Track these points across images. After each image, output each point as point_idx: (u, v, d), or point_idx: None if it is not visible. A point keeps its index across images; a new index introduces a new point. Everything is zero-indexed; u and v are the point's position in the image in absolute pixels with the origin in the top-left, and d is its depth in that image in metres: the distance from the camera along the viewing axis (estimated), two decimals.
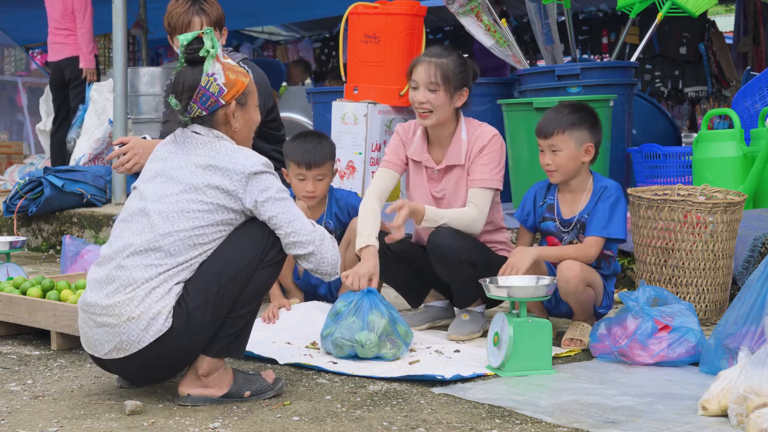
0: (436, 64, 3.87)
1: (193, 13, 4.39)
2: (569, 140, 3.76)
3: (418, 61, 3.94)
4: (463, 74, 3.91)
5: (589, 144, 3.79)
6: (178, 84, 3.03)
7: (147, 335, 2.87)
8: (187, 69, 3.01)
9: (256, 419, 2.87)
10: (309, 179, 4.30)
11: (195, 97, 3.00)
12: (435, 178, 4.00)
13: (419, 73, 3.89)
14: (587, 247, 3.74)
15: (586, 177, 3.86)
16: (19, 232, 6.88)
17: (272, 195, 2.98)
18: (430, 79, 3.86)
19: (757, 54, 11.06)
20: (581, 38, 13.39)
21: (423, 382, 3.26)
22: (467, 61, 3.96)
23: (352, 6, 5.96)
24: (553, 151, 3.78)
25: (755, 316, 3.06)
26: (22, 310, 3.88)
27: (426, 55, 3.94)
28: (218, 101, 3.01)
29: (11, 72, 14.63)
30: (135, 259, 2.91)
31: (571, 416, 2.86)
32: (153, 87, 8.14)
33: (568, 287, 3.64)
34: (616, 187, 3.82)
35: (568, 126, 3.76)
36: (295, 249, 3.02)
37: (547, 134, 3.78)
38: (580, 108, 3.84)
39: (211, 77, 2.99)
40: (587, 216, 3.79)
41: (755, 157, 5.08)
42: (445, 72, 3.86)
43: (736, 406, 2.69)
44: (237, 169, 2.95)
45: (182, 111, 3.03)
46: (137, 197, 3.05)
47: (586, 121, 3.80)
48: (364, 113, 5.77)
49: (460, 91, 3.90)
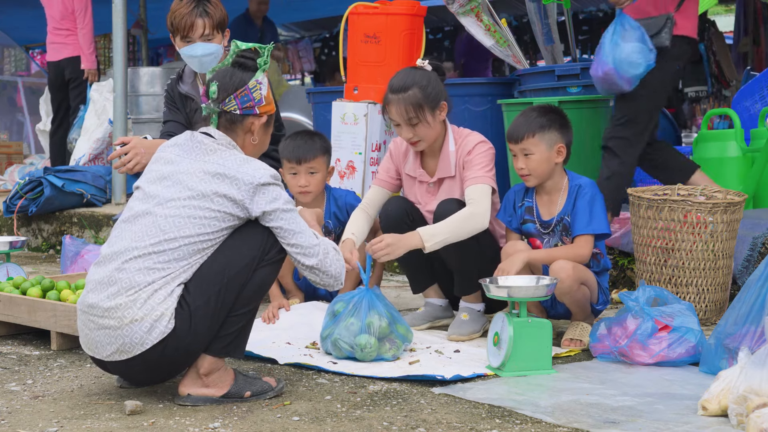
0: (404, 98, 3.85)
1: (197, 14, 4.41)
2: (540, 143, 3.78)
3: (387, 101, 3.91)
4: (434, 91, 3.88)
5: (560, 144, 3.80)
6: (225, 76, 3.08)
7: (150, 337, 2.87)
8: (237, 69, 3.09)
9: (256, 419, 2.87)
10: (301, 174, 4.33)
11: (238, 94, 3.06)
12: (431, 191, 4.03)
13: (393, 114, 3.90)
14: (578, 247, 3.74)
15: (561, 177, 3.87)
16: (19, 232, 6.88)
17: (280, 206, 3.01)
18: (405, 117, 3.87)
19: (757, 54, 11.06)
20: (581, 38, 13.39)
21: (423, 382, 3.26)
22: (430, 74, 3.92)
23: (352, 6, 5.96)
24: (526, 155, 3.80)
25: (755, 316, 3.06)
26: (22, 310, 3.88)
27: (391, 92, 3.90)
28: (254, 108, 3.09)
29: (11, 72, 14.63)
30: (138, 262, 2.91)
31: (571, 416, 2.86)
32: (153, 87, 8.14)
33: (562, 287, 3.64)
34: (590, 184, 3.84)
35: (537, 129, 3.78)
36: (300, 260, 3.07)
37: (518, 139, 3.81)
38: (548, 110, 3.86)
39: (259, 84, 3.09)
40: (568, 218, 3.80)
41: (755, 157, 5.08)
42: (417, 103, 3.84)
43: (736, 406, 2.69)
44: (246, 179, 2.96)
45: (218, 101, 3.06)
46: (141, 198, 3.04)
47: (555, 123, 3.81)
48: (364, 113, 5.77)
49: (438, 106, 3.90)
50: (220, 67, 3.12)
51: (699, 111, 12.42)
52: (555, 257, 3.70)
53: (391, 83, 3.95)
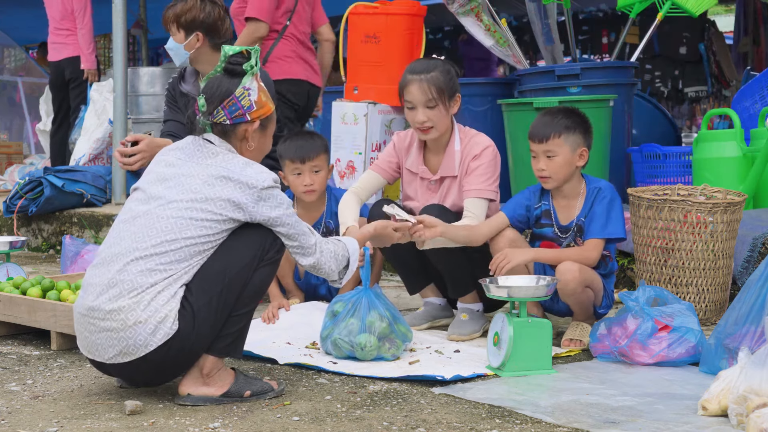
0: (428, 79, 3.85)
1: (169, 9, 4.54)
2: (565, 144, 3.74)
3: (407, 81, 3.89)
4: (452, 81, 3.90)
5: (584, 148, 3.78)
6: (212, 88, 3.06)
7: (154, 339, 2.87)
8: (225, 77, 3.06)
9: (256, 419, 2.87)
10: (305, 173, 4.33)
11: (225, 104, 3.04)
12: (432, 189, 4.01)
13: (413, 93, 3.87)
14: (587, 251, 3.72)
15: (579, 181, 3.85)
16: (19, 232, 6.88)
17: (284, 211, 3.03)
18: (426, 97, 3.85)
19: (757, 54, 11.07)
20: (581, 38, 13.39)
21: (423, 382, 3.26)
22: (450, 66, 3.95)
23: (352, 6, 5.96)
24: (549, 156, 3.75)
25: (755, 316, 3.06)
26: (22, 310, 3.88)
27: (413, 73, 3.89)
28: (245, 115, 3.06)
29: (11, 72, 14.62)
30: (140, 264, 2.90)
31: (571, 416, 2.86)
32: (153, 87, 8.13)
33: (567, 289, 3.63)
34: (609, 187, 3.82)
35: (563, 130, 3.74)
36: (300, 259, 3.13)
37: (543, 138, 3.75)
38: (572, 112, 3.83)
39: (246, 91, 3.05)
40: (584, 219, 3.79)
41: (755, 157, 5.08)
42: (438, 85, 3.85)
43: (736, 406, 2.69)
44: (250, 182, 2.97)
45: (207, 114, 3.05)
46: (141, 199, 3.04)
47: (580, 126, 3.78)
48: (364, 113, 5.77)
49: (454, 98, 3.91)
50: (211, 76, 3.10)
51: (699, 111, 12.43)
52: (562, 259, 3.68)
53: (411, 66, 3.95)
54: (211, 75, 3.11)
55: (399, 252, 4.00)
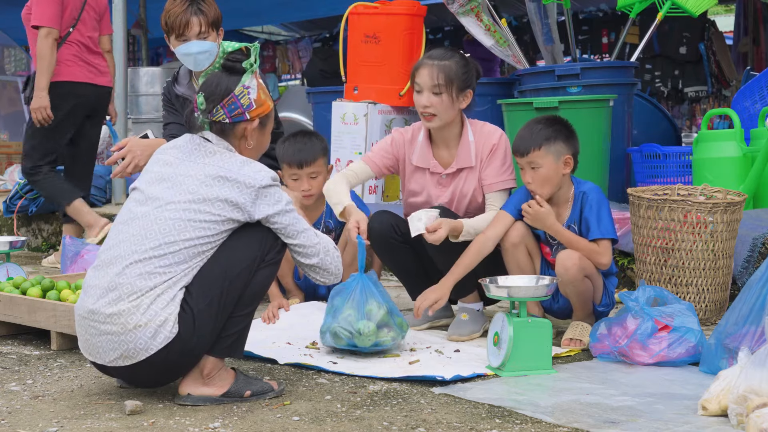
0: (439, 66, 3.85)
1: (191, 13, 4.38)
2: (547, 155, 3.75)
3: (420, 64, 3.91)
4: (466, 75, 3.89)
5: (567, 156, 3.78)
6: (211, 85, 3.03)
7: (155, 342, 2.86)
8: (224, 75, 3.04)
9: (256, 419, 2.87)
10: (303, 178, 4.33)
11: (224, 103, 3.01)
12: (444, 183, 3.98)
13: (422, 77, 3.87)
14: (599, 253, 3.72)
15: (568, 187, 3.86)
16: (19, 232, 6.88)
17: (283, 208, 3.01)
18: (433, 82, 3.84)
19: (757, 54, 11.06)
20: (581, 38, 13.39)
21: (423, 382, 3.26)
22: (470, 62, 3.94)
23: (352, 6, 5.96)
24: (533, 168, 3.77)
25: (755, 316, 3.06)
26: (22, 310, 3.88)
27: (428, 58, 3.91)
28: (244, 114, 3.04)
29: (11, 72, 14.62)
30: (139, 267, 2.89)
31: (571, 416, 2.86)
32: (153, 87, 8.14)
33: (567, 275, 3.64)
34: (594, 189, 3.83)
35: (543, 141, 3.75)
36: (301, 259, 3.10)
37: (525, 152, 3.77)
38: (553, 121, 3.83)
39: (246, 89, 3.03)
40: (575, 225, 3.80)
41: (755, 157, 5.08)
42: (449, 74, 3.85)
43: (736, 406, 2.69)
44: (247, 182, 2.95)
45: (206, 112, 3.03)
46: (140, 200, 3.02)
47: (560, 134, 3.78)
48: (364, 113, 5.78)
49: (464, 92, 3.89)
50: (209, 73, 3.08)
51: (699, 111, 12.42)
52: (574, 246, 3.70)
53: (430, 52, 3.95)
54: (210, 72, 3.09)
55: (399, 258, 4.01)
